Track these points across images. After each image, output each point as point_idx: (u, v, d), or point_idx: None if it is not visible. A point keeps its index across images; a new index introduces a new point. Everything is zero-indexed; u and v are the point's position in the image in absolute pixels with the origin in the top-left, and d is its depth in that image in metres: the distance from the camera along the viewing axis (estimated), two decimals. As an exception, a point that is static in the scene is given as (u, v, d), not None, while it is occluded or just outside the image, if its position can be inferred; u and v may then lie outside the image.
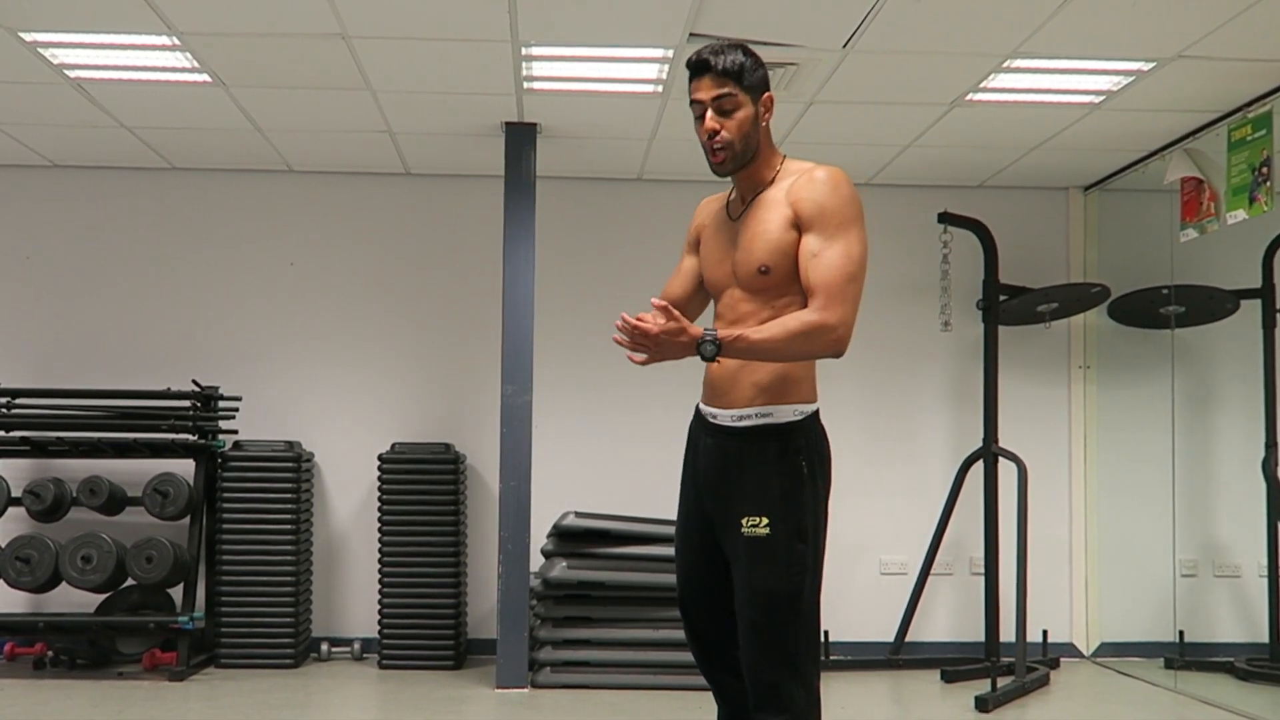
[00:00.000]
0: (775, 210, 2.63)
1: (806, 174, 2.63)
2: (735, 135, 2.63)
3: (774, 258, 2.60)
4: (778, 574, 2.58)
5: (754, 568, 2.59)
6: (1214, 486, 6.38)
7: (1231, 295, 6.01)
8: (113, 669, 5.66)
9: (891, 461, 6.37)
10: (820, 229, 2.56)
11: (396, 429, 6.18)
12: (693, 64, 2.66)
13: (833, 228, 2.55)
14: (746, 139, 2.64)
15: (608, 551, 5.46)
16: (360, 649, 6.12)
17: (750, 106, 2.64)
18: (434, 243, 6.37)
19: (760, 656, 2.60)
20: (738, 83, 2.61)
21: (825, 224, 2.56)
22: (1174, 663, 6.00)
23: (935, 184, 6.36)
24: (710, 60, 2.62)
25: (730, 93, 2.61)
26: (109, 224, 6.29)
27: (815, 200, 2.57)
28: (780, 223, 2.60)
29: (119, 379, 6.00)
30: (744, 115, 2.63)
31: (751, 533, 2.59)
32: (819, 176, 2.60)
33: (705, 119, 2.64)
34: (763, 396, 2.62)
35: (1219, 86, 4.83)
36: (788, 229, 2.59)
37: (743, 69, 2.62)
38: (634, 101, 5.14)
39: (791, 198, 2.60)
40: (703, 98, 2.64)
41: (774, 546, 2.58)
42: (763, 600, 2.59)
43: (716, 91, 2.62)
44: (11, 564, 5.53)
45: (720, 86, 2.61)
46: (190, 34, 4.38)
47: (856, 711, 5.15)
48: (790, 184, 2.64)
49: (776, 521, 2.58)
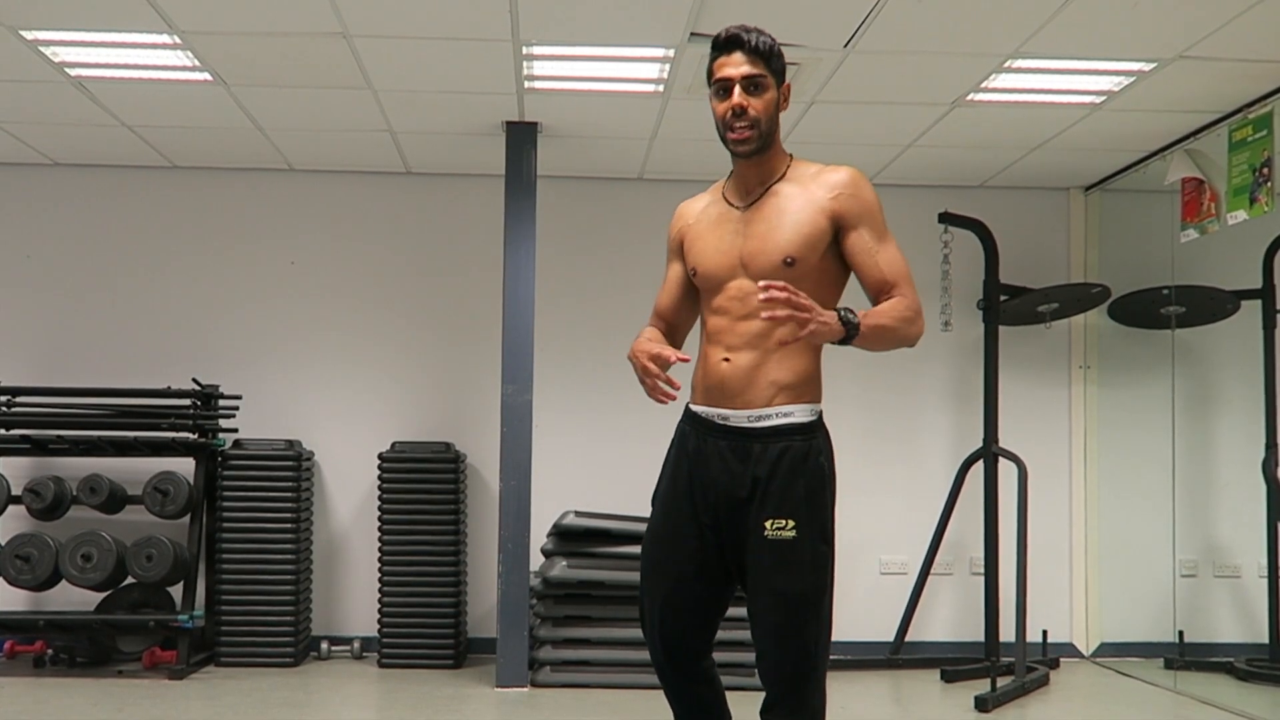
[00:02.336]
0: (801, 201, 2.61)
1: (831, 171, 2.65)
2: (762, 115, 2.61)
3: (802, 250, 2.58)
4: (804, 576, 2.56)
5: (780, 570, 2.55)
6: (1214, 487, 6.38)
7: (1232, 296, 6.01)
8: (113, 667, 5.67)
9: (892, 461, 6.37)
10: (870, 225, 2.62)
11: (397, 428, 6.18)
12: (722, 40, 2.63)
13: (879, 225, 2.63)
14: (770, 121, 2.63)
15: (608, 551, 5.46)
16: (360, 648, 6.12)
17: (775, 91, 2.63)
18: (435, 242, 6.37)
19: (781, 659, 2.58)
20: (767, 64, 2.61)
21: (874, 221, 2.63)
22: (1174, 663, 5.99)
23: (936, 184, 6.36)
24: (743, 37, 2.61)
25: (760, 73, 2.60)
26: (109, 222, 6.29)
27: (861, 198, 2.62)
28: (813, 215, 2.60)
29: (119, 377, 6.00)
30: (770, 98, 2.62)
31: (777, 535, 2.54)
32: (854, 176, 2.64)
33: (733, 94, 2.60)
34: (782, 395, 2.59)
35: (1220, 87, 4.83)
36: (823, 222, 2.60)
37: (772, 51, 2.63)
38: (635, 101, 5.14)
39: (827, 192, 2.61)
40: (732, 74, 2.61)
41: (800, 548, 2.55)
42: (789, 603, 2.55)
43: (748, 70, 2.60)
44: (11, 562, 5.53)
45: (752, 64, 2.60)
46: (191, 32, 4.38)
47: (856, 711, 5.15)
48: (815, 178, 2.64)
49: (803, 524, 2.55)
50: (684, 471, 2.71)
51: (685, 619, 2.74)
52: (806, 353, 2.61)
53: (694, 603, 2.72)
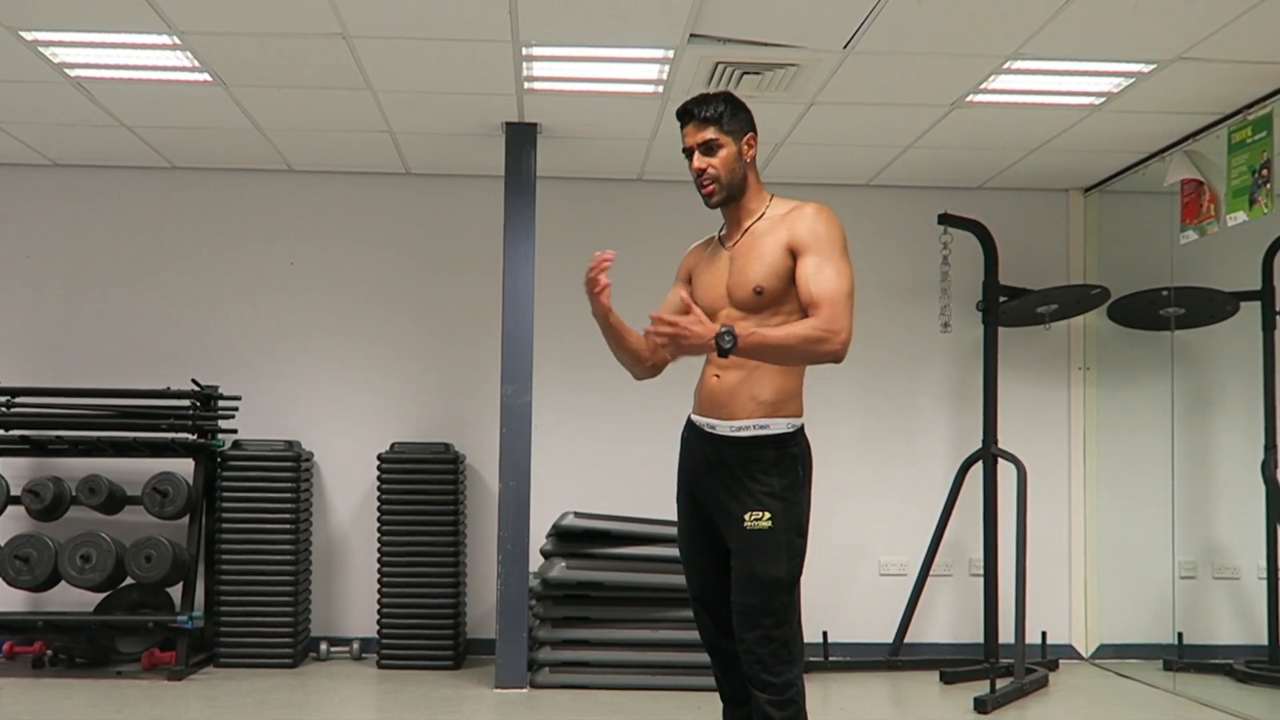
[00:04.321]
0: (770, 239, 2.94)
1: (798, 208, 2.97)
2: (721, 171, 2.98)
3: (769, 280, 2.91)
4: (779, 563, 2.88)
5: (756, 557, 2.88)
6: (1213, 488, 6.38)
7: (1231, 297, 6.01)
8: (112, 668, 5.67)
9: (891, 462, 6.37)
10: (816, 251, 2.88)
11: (396, 429, 6.18)
12: (679, 114, 3.02)
13: (827, 251, 2.88)
14: (731, 173, 2.99)
15: (607, 552, 5.46)
16: (359, 649, 6.12)
17: (732, 146, 2.99)
18: (434, 243, 6.37)
19: (757, 639, 2.88)
20: (718, 127, 2.97)
21: (820, 247, 2.89)
22: (1173, 664, 6.00)
23: (935, 185, 6.36)
24: (693, 110, 2.99)
25: (711, 138, 2.97)
26: (109, 223, 6.29)
27: (810, 228, 2.90)
28: (776, 249, 2.92)
29: (119, 378, 6.00)
30: (727, 154, 2.99)
31: (755, 525, 2.88)
32: (811, 211, 2.94)
33: (693, 160, 2.99)
34: (761, 410, 2.91)
35: (1219, 88, 4.84)
36: (784, 255, 2.90)
37: (721, 115, 2.97)
38: (634, 102, 5.15)
39: (788, 227, 2.93)
40: (689, 143, 3.01)
41: (775, 538, 2.88)
42: (763, 586, 2.87)
43: (700, 137, 2.98)
44: (11, 563, 5.53)
45: (702, 131, 2.98)
46: (191, 33, 4.39)
47: (855, 712, 5.15)
48: (783, 216, 2.96)
49: (777, 516, 2.88)
50: (686, 474, 3.10)
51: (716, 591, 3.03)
52: (784, 372, 2.92)
53: (718, 579, 3.02)
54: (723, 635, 3.07)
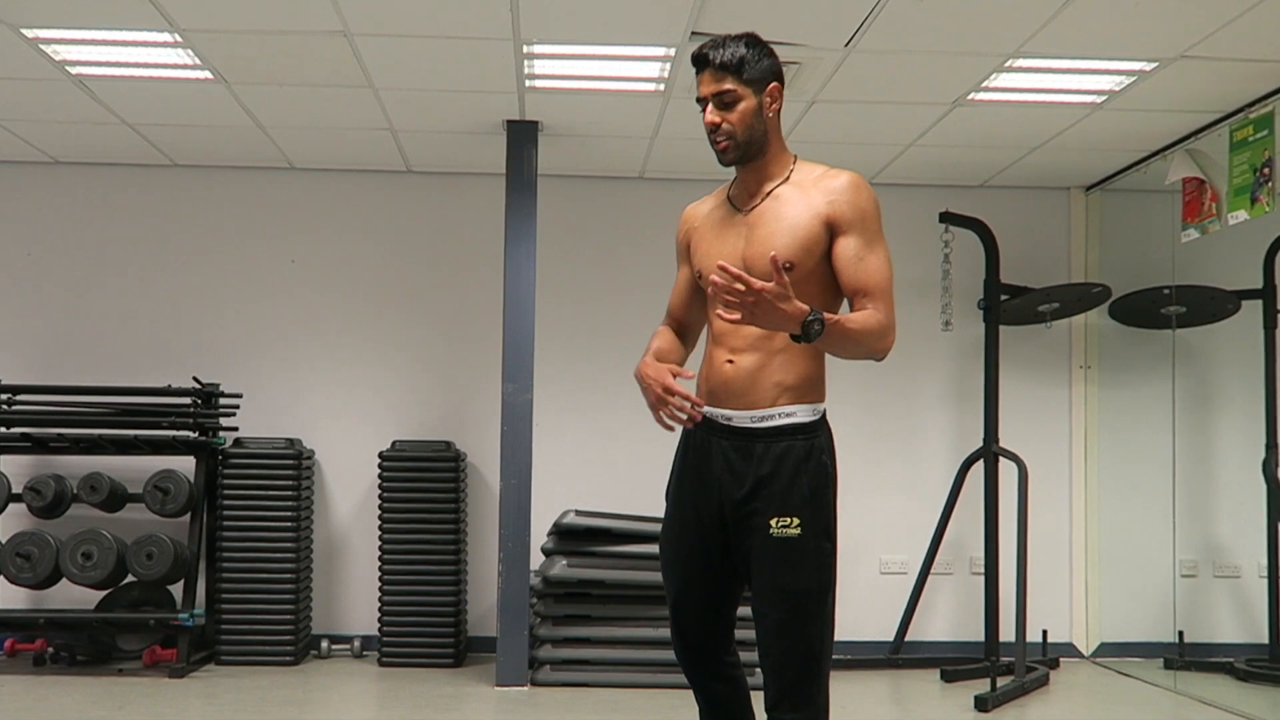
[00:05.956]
0: (799, 207, 2.60)
1: (832, 175, 2.63)
2: (737, 126, 2.61)
3: (799, 254, 2.57)
4: (809, 573, 2.59)
5: (784, 567, 2.58)
6: (1214, 487, 6.38)
7: (1232, 296, 6.01)
8: (113, 665, 5.67)
9: (892, 461, 6.37)
10: (861, 233, 2.58)
11: (397, 427, 6.19)
12: (694, 58, 2.66)
13: (871, 233, 2.59)
14: (750, 130, 2.62)
15: (608, 550, 5.46)
16: (360, 646, 6.12)
17: (753, 99, 2.62)
18: (435, 240, 6.37)
19: (786, 656, 2.60)
20: (736, 76, 2.60)
21: (866, 229, 2.58)
22: (1174, 663, 5.99)
23: (937, 183, 6.36)
24: (709, 55, 2.62)
25: (729, 88, 2.60)
26: (110, 221, 6.29)
27: (857, 205, 2.59)
28: (811, 220, 2.59)
29: (120, 375, 6.00)
30: (745, 107, 2.61)
31: (782, 533, 2.57)
32: (851, 181, 2.61)
33: (706, 112, 2.63)
34: (786, 396, 2.61)
35: (1221, 87, 4.83)
36: (820, 228, 2.58)
37: (742, 62, 2.60)
38: (636, 100, 5.14)
39: (825, 197, 2.59)
40: (703, 93, 2.64)
41: (805, 546, 2.58)
42: (794, 600, 2.58)
43: (716, 87, 2.61)
44: (12, 560, 5.53)
45: (719, 81, 2.61)
46: (192, 31, 4.39)
47: (856, 711, 5.15)
48: (816, 183, 2.62)
49: (807, 522, 2.58)
50: (689, 472, 2.74)
51: (697, 616, 2.77)
52: (809, 354, 2.61)
53: (703, 601, 2.76)
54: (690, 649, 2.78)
